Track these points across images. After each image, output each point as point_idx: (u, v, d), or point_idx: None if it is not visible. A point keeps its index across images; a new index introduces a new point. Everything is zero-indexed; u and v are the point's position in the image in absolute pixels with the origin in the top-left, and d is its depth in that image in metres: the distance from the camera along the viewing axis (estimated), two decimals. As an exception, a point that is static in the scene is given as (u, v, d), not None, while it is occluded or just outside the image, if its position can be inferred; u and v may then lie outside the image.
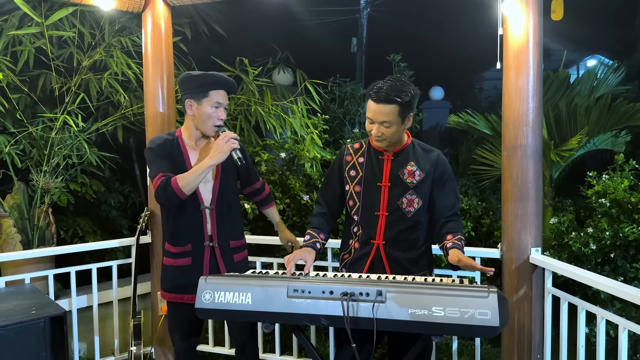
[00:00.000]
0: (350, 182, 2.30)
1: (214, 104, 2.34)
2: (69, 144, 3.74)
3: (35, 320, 2.18)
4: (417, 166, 2.22)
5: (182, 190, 2.23)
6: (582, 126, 4.31)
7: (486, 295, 1.72)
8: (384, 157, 2.25)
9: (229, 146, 2.24)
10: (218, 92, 2.36)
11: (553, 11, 2.91)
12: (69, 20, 3.72)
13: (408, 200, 2.22)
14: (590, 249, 3.15)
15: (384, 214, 2.23)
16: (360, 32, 12.11)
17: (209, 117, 2.35)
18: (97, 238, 4.77)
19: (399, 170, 2.22)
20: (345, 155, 2.35)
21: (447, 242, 2.15)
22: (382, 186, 2.23)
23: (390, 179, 2.23)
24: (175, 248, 2.42)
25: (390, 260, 2.22)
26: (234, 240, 2.50)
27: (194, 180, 2.24)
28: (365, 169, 2.28)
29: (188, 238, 2.40)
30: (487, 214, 4.37)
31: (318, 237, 2.31)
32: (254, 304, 1.87)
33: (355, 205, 2.29)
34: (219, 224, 2.42)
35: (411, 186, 2.21)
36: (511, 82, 2.61)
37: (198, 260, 2.41)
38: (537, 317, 2.63)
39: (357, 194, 2.29)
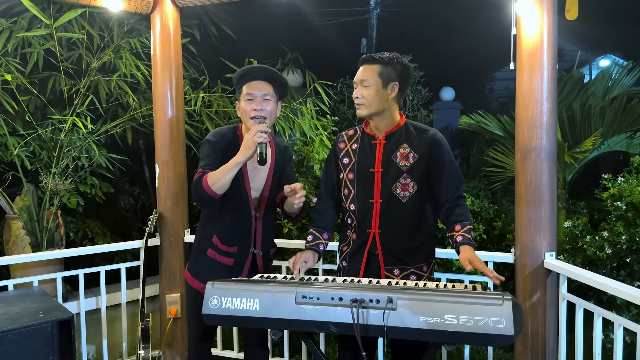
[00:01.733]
0: (344, 169, 2.25)
1: (245, 97, 2.26)
2: (78, 145, 3.73)
3: (42, 324, 2.18)
4: (410, 148, 2.14)
5: (212, 188, 2.16)
6: (596, 127, 4.24)
7: (500, 303, 1.67)
8: (376, 142, 2.18)
9: (254, 140, 2.10)
10: (249, 84, 2.26)
11: (567, 10, 2.85)
12: (78, 22, 3.71)
13: (402, 184, 2.14)
14: (606, 253, 3.09)
15: (378, 202, 2.15)
16: (370, 33, 12.07)
17: (244, 112, 2.27)
18: (107, 240, 4.77)
19: (392, 153, 2.15)
20: (339, 142, 2.30)
21: (456, 234, 2.06)
22: (375, 172, 2.16)
23: (383, 163, 2.16)
24: (223, 246, 2.36)
25: (385, 251, 2.15)
26: (272, 248, 2.49)
27: (221, 178, 2.15)
28: (358, 156, 2.22)
29: (236, 240, 2.36)
30: (499, 217, 4.30)
31: (321, 238, 2.26)
32: (262, 310, 1.83)
33: (351, 193, 2.23)
34: (264, 233, 2.39)
35: (404, 169, 2.13)
36: (525, 83, 2.56)
37: (239, 263, 2.37)
38: (551, 323, 2.57)
39: (350, 182, 2.23)
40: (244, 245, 2.36)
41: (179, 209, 3.25)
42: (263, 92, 2.25)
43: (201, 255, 2.42)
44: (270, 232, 2.45)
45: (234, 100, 4.31)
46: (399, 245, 2.16)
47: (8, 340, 2.06)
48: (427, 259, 2.23)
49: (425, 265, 2.22)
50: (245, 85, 2.27)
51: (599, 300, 3.24)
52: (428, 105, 7.84)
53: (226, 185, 2.17)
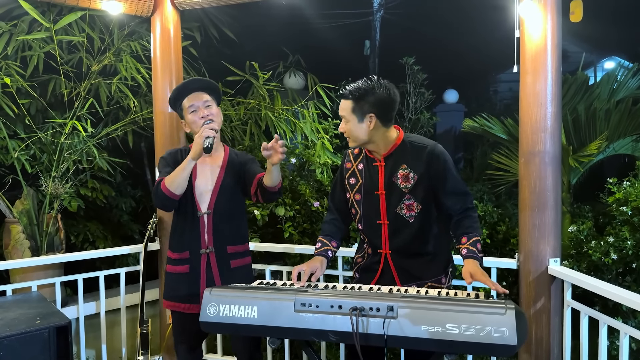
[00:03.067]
0: (351, 190, 2.23)
1: (189, 110, 2.34)
2: (78, 149, 3.71)
3: (39, 330, 2.16)
4: (409, 168, 2.11)
5: (169, 189, 2.23)
6: (601, 131, 4.19)
7: (503, 312, 1.63)
8: (377, 164, 2.16)
9: (202, 135, 2.18)
10: (188, 98, 2.35)
11: (572, 13, 2.81)
12: (79, 25, 3.69)
13: (407, 205, 2.12)
14: (611, 258, 3.04)
15: (385, 223, 2.15)
16: (373, 35, 12.03)
17: (194, 123, 2.34)
18: (108, 243, 4.76)
19: (392, 175, 2.13)
20: (345, 162, 2.29)
21: (462, 247, 2.05)
22: (379, 194, 2.15)
23: (385, 186, 2.14)
24: (174, 254, 2.41)
25: (399, 269, 2.14)
26: (232, 246, 2.43)
27: (177, 177, 2.23)
28: (364, 177, 2.20)
29: (186, 245, 2.39)
30: (503, 221, 4.26)
31: (330, 245, 2.24)
32: (260, 318, 1.80)
33: (357, 214, 2.23)
34: (215, 230, 2.39)
35: (406, 191, 2.11)
36: (528, 87, 2.52)
37: (195, 268, 2.38)
38: (556, 330, 2.53)
39: (357, 203, 2.22)
40: (193, 247, 2.38)
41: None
42: (203, 100, 2.35)
43: (165, 274, 2.48)
44: (226, 227, 2.41)
45: (235, 104, 4.29)
46: (412, 264, 2.15)
47: (4, 346, 2.05)
48: (444, 269, 2.21)
49: (443, 276, 2.20)
50: (185, 100, 2.36)
51: (604, 306, 3.20)
52: (431, 107, 7.79)
53: (182, 184, 2.25)
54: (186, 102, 2.35)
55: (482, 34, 9.62)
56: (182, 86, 2.39)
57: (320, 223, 3.67)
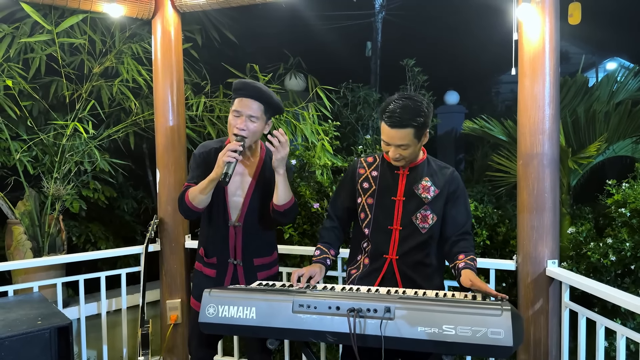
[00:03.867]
0: (363, 194, 2.25)
1: (234, 112, 2.23)
2: (80, 150, 3.73)
3: (40, 331, 2.17)
4: (431, 182, 2.17)
5: (192, 202, 2.22)
6: (600, 132, 4.20)
7: (499, 314, 1.65)
8: (399, 172, 2.20)
9: (222, 160, 2.12)
10: (240, 100, 2.22)
11: (570, 15, 2.82)
12: (81, 27, 3.72)
13: (422, 215, 2.16)
14: (610, 260, 3.04)
15: (398, 229, 2.17)
16: (375, 36, 12.03)
17: (230, 125, 2.24)
18: (110, 244, 4.78)
19: (414, 185, 2.18)
20: (358, 168, 2.30)
21: (459, 262, 2.08)
22: (397, 200, 2.18)
23: (405, 193, 2.18)
24: (206, 258, 2.41)
25: (403, 277, 2.16)
26: (259, 258, 2.40)
27: (198, 195, 2.20)
28: (379, 183, 2.23)
29: (215, 251, 2.37)
30: (502, 222, 4.25)
31: (328, 253, 2.26)
32: (259, 319, 1.82)
33: (367, 218, 2.24)
34: (245, 243, 2.35)
35: (426, 201, 2.16)
36: (526, 89, 2.54)
37: (221, 274, 2.37)
38: (554, 332, 2.54)
39: (369, 207, 2.23)
40: (222, 255, 2.36)
41: (180, 215, 3.22)
42: (250, 112, 2.21)
43: (194, 270, 2.46)
44: (255, 240, 2.39)
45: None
46: (417, 272, 2.17)
47: (6, 347, 2.06)
48: (442, 283, 2.27)
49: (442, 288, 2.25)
50: (237, 100, 2.24)
51: (603, 307, 3.19)
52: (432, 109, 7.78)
53: (205, 200, 2.22)
54: (237, 103, 2.23)
55: (483, 35, 9.62)
56: (241, 85, 2.24)
57: (320, 224, 3.68)
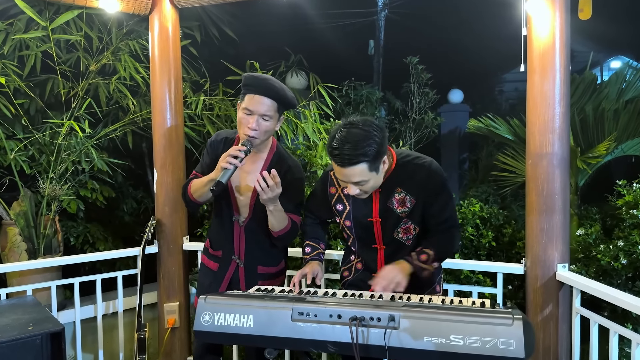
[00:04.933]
0: (339, 215, 2.14)
1: (245, 110, 2.06)
2: (76, 150, 3.65)
3: (32, 337, 2.11)
4: (405, 192, 2.00)
5: (193, 195, 2.17)
6: (609, 131, 4.10)
7: (510, 323, 1.55)
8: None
9: (219, 165, 2.00)
10: (252, 97, 2.04)
11: (581, 10, 2.74)
12: (77, 24, 3.63)
13: (404, 229, 2.06)
14: (621, 263, 2.95)
15: (382, 248, 2.08)
16: (377, 35, 11.95)
17: (240, 123, 2.08)
18: (108, 245, 4.70)
19: (387, 200, 2.02)
20: (329, 186, 2.13)
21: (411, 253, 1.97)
22: (374, 221, 2.06)
23: (381, 212, 2.04)
24: (211, 249, 2.36)
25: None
26: (264, 267, 2.29)
27: (199, 189, 2.14)
28: (353, 204, 2.08)
29: (220, 244, 2.31)
30: (508, 223, 4.16)
31: (320, 248, 2.20)
32: (256, 328, 1.73)
33: (350, 238, 2.16)
34: (248, 244, 2.25)
35: (404, 215, 2.03)
36: (536, 86, 2.44)
37: (222, 268, 2.30)
38: (564, 338, 2.45)
39: (349, 229, 2.13)
40: (226, 250, 2.29)
41: (178, 216, 3.17)
42: (262, 111, 2.05)
43: (200, 265, 2.42)
44: (258, 243, 2.27)
45: (235, 103, 4.21)
46: (411, 282, 2.04)
47: (-5, 353, 1.99)
48: (436, 278, 2.17)
49: (437, 285, 2.16)
50: (248, 97, 2.06)
51: (612, 311, 3.11)
52: (436, 107, 7.70)
53: (206, 195, 2.14)
54: (247, 100, 2.05)
55: (487, 33, 9.51)
56: (253, 81, 2.06)
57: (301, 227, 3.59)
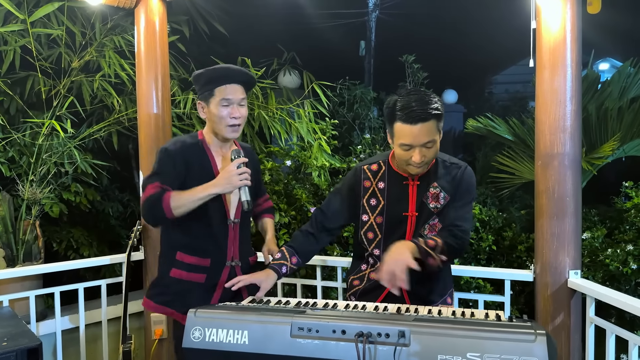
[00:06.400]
0: (371, 212, 1.99)
1: (222, 102, 2.02)
2: (58, 151, 3.47)
3: (5, 354, 1.92)
4: (440, 187, 1.93)
5: (173, 211, 1.91)
6: (613, 131, 4.00)
7: (533, 339, 1.41)
8: (409, 182, 1.95)
9: (240, 183, 1.93)
10: (225, 88, 2.03)
11: (589, 4, 2.62)
12: (58, 18, 3.45)
13: (430, 226, 1.94)
14: (630, 268, 2.83)
15: None
16: (368, 35, 11.87)
17: (220, 119, 2.03)
18: (93, 250, 4.52)
19: (423, 194, 1.94)
20: (363, 180, 2.02)
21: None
22: (409, 216, 1.94)
23: (417, 207, 1.93)
24: (192, 258, 2.07)
25: (412, 295, 1.94)
26: (252, 257, 2.24)
27: (188, 204, 1.93)
28: (388, 197, 1.96)
29: (209, 252, 2.09)
30: (508, 226, 4.05)
31: (288, 261, 2.01)
32: (251, 345, 1.58)
33: (377, 238, 2.00)
34: (241, 241, 2.15)
35: (435, 211, 1.93)
36: (546, 82, 2.31)
37: (212, 279, 2.10)
38: (576, 349, 2.32)
39: (378, 226, 1.99)
40: (219, 257, 2.10)
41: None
42: (240, 97, 2.05)
43: (163, 277, 2.14)
44: (246, 239, 2.22)
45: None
46: (427, 287, 1.97)
47: (-37, 373, 1.82)
48: (449, 290, 2.06)
49: (448, 297, 2.05)
50: (220, 89, 2.03)
51: (619, 317, 3.00)
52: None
53: (187, 212, 1.94)
54: (220, 92, 2.02)
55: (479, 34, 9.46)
56: (224, 72, 2.05)
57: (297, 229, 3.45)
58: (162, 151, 2.06)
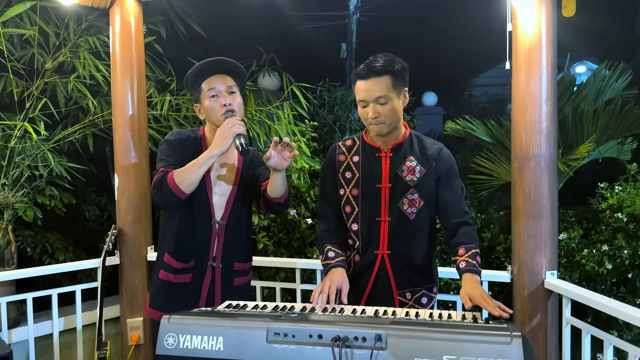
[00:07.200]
0: (346, 185, 2.01)
1: (209, 93, 2.02)
2: (31, 154, 3.39)
3: (-27, 363, 1.87)
4: (417, 161, 1.95)
5: (179, 186, 1.90)
6: (589, 133, 4.05)
7: (508, 341, 1.41)
8: (382, 154, 1.97)
9: (232, 131, 1.90)
10: (209, 80, 2.03)
11: (564, 7, 2.64)
12: (31, 18, 3.37)
13: (409, 200, 1.93)
14: (606, 268, 2.86)
15: (386, 220, 1.95)
16: (349, 38, 11.91)
17: (212, 111, 2.02)
18: (69, 255, 4.42)
19: (398, 167, 1.95)
20: (337, 154, 2.05)
21: (459, 258, 1.84)
22: (382, 188, 1.95)
23: (390, 178, 1.95)
24: (178, 263, 2.08)
25: (397, 274, 1.96)
26: (239, 263, 2.18)
27: (191, 174, 1.91)
28: (362, 169, 1.99)
29: (193, 253, 2.08)
30: (487, 227, 4.07)
31: (343, 254, 1.99)
32: (227, 351, 1.54)
33: (354, 211, 2.00)
34: (226, 244, 2.11)
35: (411, 184, 1.93)
36: (522, 85, 2.33)
37: (197, 279, 2.09)
38: (553, 349, 2.34)
39: (354, 198, 1.99)
40: (201, 257, 2.08)
41: (142, 224, 2.96)
42: (227, 84, 2.03)
43: (155, 279, 2.15)
44: (237, 242, 2.15)
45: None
46: (410, 266, 1.98)
47: None
48: (435, 278, 2.06)
49: (434, 286, 2.05)
50: (205, 82, 2.04)
51: (596, 317, 3.03)
52: (410, 110, 7.62)
53: (195, 183, 1.94)
54: (206, 85, 2.03)
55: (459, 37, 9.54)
56: (204, 66, 2.04)
57: (297, 232, 3.42)
58: (162, 143, 2.10)
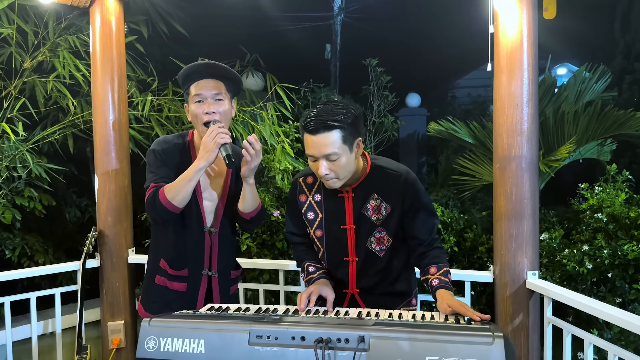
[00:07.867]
0: (310, 225, 1.96)
1: (194, 98, 1.96)
2: (10, 154, 3.32)
3: (-53, 369, 1.82)
4: (381, 198, 1.86)
5: (172, 202, 1.88)
6: (569, 134, 4.11)
7: (490, 342, 1.41)
8: (344, 195, 1.89)
9: (216, 141, 1.84)
10: (197, 84, 1.96)
11: (545, 9, 2.67)
12: (9, 16, 3.31)
13: (377, 239, 1.89)
14: (586, 268, 2.90)
15: (354, 260, 1.92)
16: (334, 39, 11.92)
17: (196, 117, 1.97)
18: (49, 257, 4.34)
19: (362, 206, 1.88)
20: (299, 194, 1.97)
21: (431, 277, 1.81)
22: (347, 229, 1.90)
23: (355, 219, 1.88)
24: (172, 270, 2.05)
25: (370, 305, 1.89)
26: (234, 270, 2.17)
27: (182, 189, 1.88)
28: (325, 209, 1.92)
29: (186, 262, 2.05)
30: (470, 227, 4.10)
31: (324, 268, 1.98)
32: (208, 354, 1.53)
33: (320, 251, 1.98)
34: (221, 251, 2.07)
35: (378, 223, 1.87)
36: (503, 86, 2.35)
37: (192, 288, 2.06)
38: (535, 349, 2.36)
39: (319, 239, 1.96)
40: (196, 266, 2.05)
41: (122, 226, 2.91)
42: (214, 91, 1.96)
43: (150, 284, 2.11)
44: (229, 250, 2.15)
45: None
46: (385, 294, 1.93)
47: None
48: (413, 288, 2.04)
49: (413, 297, 2.02)
50: (193, 86, 1.98)
51: (576, 316, 3.07)
52: (394, 111, 7.65)
53: (188, 196, 1.90)
54: (193, 88, 1.97)
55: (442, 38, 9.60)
56: (193, 69, 1.98)
57: (280, 234, 3.41)
58: (149, 153, 2.04)
